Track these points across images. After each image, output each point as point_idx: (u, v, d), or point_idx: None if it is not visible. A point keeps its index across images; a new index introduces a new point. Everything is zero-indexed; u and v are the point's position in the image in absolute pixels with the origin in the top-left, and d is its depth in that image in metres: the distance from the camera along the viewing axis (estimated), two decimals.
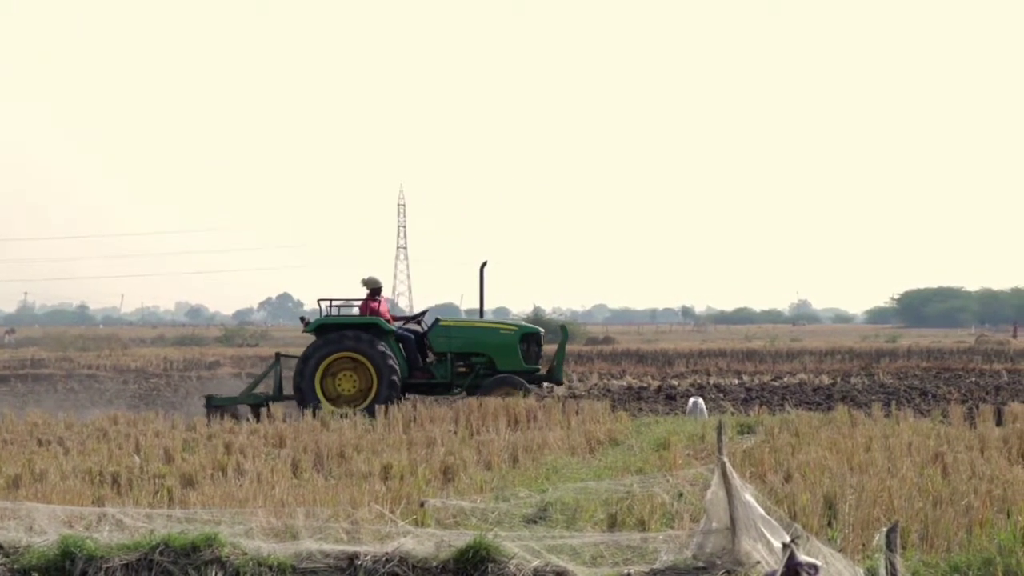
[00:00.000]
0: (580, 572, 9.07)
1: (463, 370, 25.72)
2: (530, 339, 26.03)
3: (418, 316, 27.21)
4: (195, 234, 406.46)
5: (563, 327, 28.07)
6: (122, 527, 10.17)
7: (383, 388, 24.50)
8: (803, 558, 8.34)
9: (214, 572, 9.44)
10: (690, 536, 9.27)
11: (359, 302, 25.92)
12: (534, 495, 12.17)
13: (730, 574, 8.73)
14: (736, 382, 35.89)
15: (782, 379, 36.98)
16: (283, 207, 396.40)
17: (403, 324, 26.45)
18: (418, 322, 26.70)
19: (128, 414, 23.25)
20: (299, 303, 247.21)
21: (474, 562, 9.18)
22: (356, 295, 26.13)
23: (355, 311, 25.95)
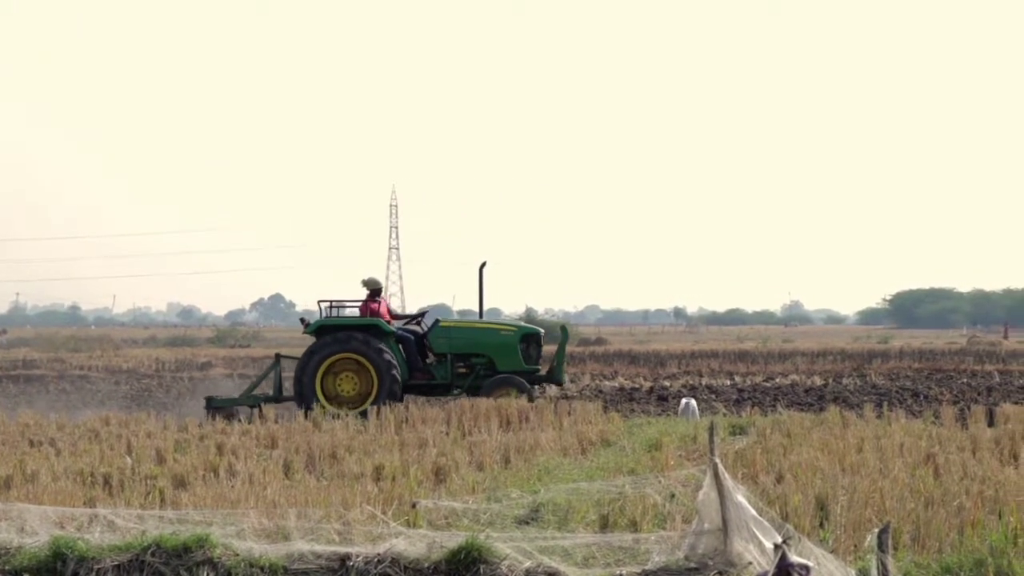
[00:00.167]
0: (572, 573, 9.07)
1: (463, 371, 25.72)
2: (530, 339, 26.05)
3: (418, 316, 27.19)
4: (188, 235, 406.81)
5: (563, 327, 28.06)
6: (114, 528, 10.16)
7: (383, 389, 24.50)
8: (795, 559, 8.34)
9: (206, 573, 9.44)
10: (682, 537, 9.27)
11: (359, 303, 25.95)
12: (526, 496, 12.16)
13: (722, 575, 8.74)
14: (728, 383, 35.87)
15: (774, 380, 36.95)
16: (276, 208, 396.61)
17: (404, 324, 26.44)
18: (418, 323, 26.68)
19: (120, 415, 23.20)
20: (291, 304, 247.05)
21: (466, 563, 9.19)
22: (349, 296, 26.14)
23: (351, 312, 25.98)
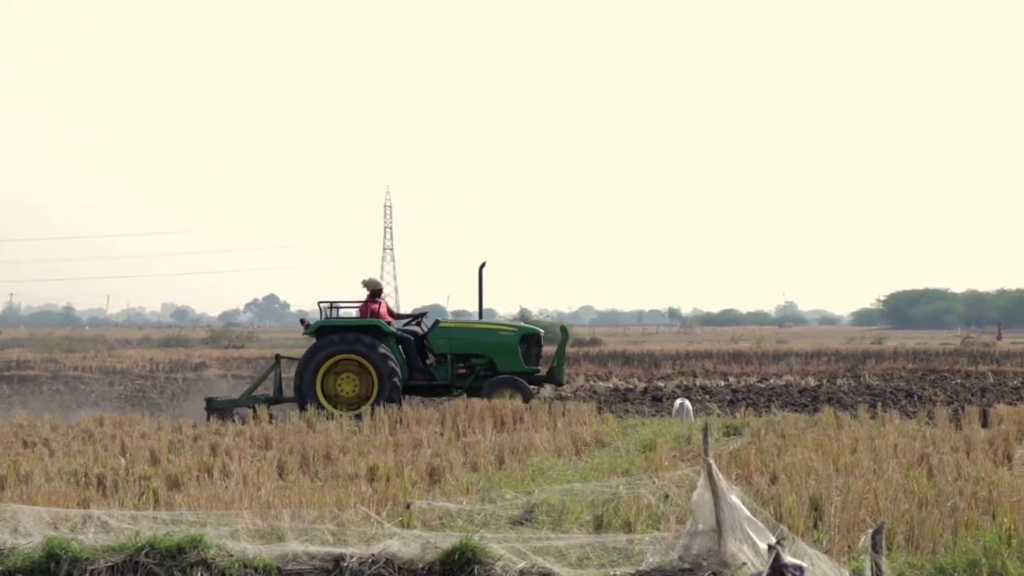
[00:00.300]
0: (566, 574, 9.07)
1: (463, 371, 25.75)
2: (530, 340, 26.08)
3: (418, 316, 27.20)
4: (182, 235, 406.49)
5: (563, 328, 28.07)
6: (107, 529, 10.15)
7: (384, 390, 24.53)
8: (789, 559, 8.35)
9: (199, 574, 9.43)
10: (676, 538, 9.27)
11: (358, 304, 25.99)
12: (520, 497, 12.17)
13: None
14: (722, 384, 35.92)
15: (768, 381, 37.00)
16: (271, 209, 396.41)
17: (404, 324, 26.45)
18: (418, 324, 26.70)
19: (114, 415, 23.18)
20: (285, 304, 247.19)
21: (460, 564, 9.18)
22: (344, 296, 26.13)
23: (349, 312, 26.00)
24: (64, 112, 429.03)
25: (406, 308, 27.01)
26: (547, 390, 28.81)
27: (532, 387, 25.66)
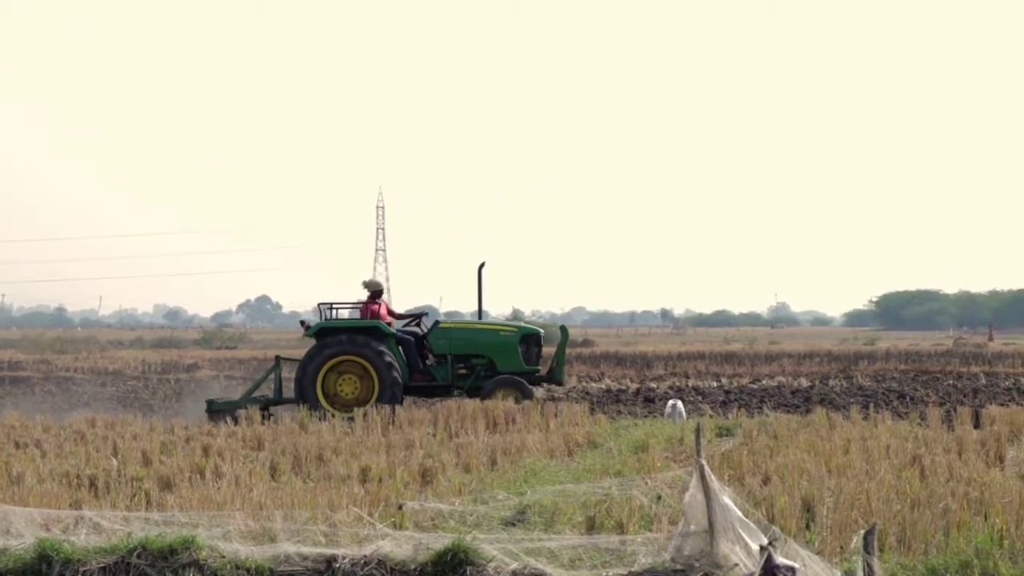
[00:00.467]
0: (558, 575, 9.08)
1: (463, 372, 25.79)
2: (530, 340, 26.15)
3: (418, 316, 27.20)
4: (175, 236, 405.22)
5: (563, 328, 28.10)
6: (99, 530, 10.15)
7: (384, 391, 24.55)
8: (781, 560, 8.36)
9: (192, 575, 9.42)
10: (668, 539, 9.28)
11: (358, 305, 26.04)
12: (512, 498, 12.17)
13: None
14: (715, 384, 35.91)
15: (760, 382, 36.99)
16: (264, 210, 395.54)
17: (404, 325, 26.47)
18: (418, 324, 26.71)
19: (106, 417, 23.15)
20: (277, 305, 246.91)
21: (452, 565, 9.19)
22: (338, 297, 26.18)
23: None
24: (58, 113, 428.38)
25: (399, 309, 26.85)
26: (539, 391, 28.78)
27: (532, 387, 25.69)
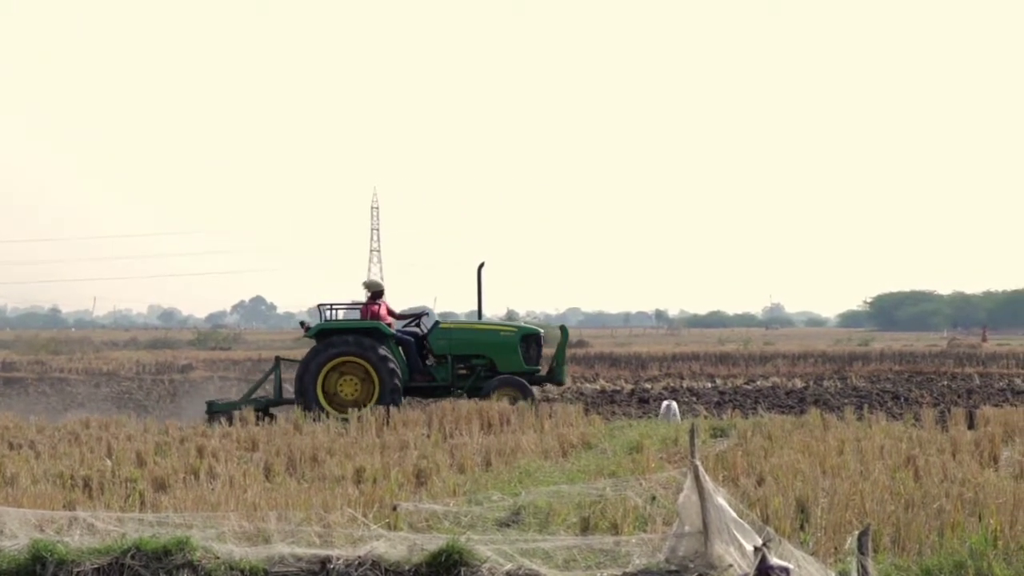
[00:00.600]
0: (552, 575, 9.08)
1: (464, 372, 25.81)
2: (530, 340, 26.15)
3: (418, 316, 27.20)
4: (168, 237, 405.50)
5: (563, 328, 28.08)
6: (93, 531, 10.14)
7: (384, 392, 24.56)
8: (775, 561, 8.37)
9: None
10: (663, 540, 9.28)
11: (358, 306, 26.07)
12: (507, 499, 12.17)
13: None
14: (709, 385, 35.92)
15: (755, 382, 36.99)
16: (257, 211, 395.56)
17: (405, 325, 26.48)
18: (417, 325, 26.72)
19: (100, 417, 23.14)
20: (272, 306, 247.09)
21: (447, 566, 9.19)
22: (331, 298, 26.18)
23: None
24: (51, 113, 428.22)
25: (395, 310, 26.82)
26: (534, 392, 28.76)
27: (532, 387, 25.72)
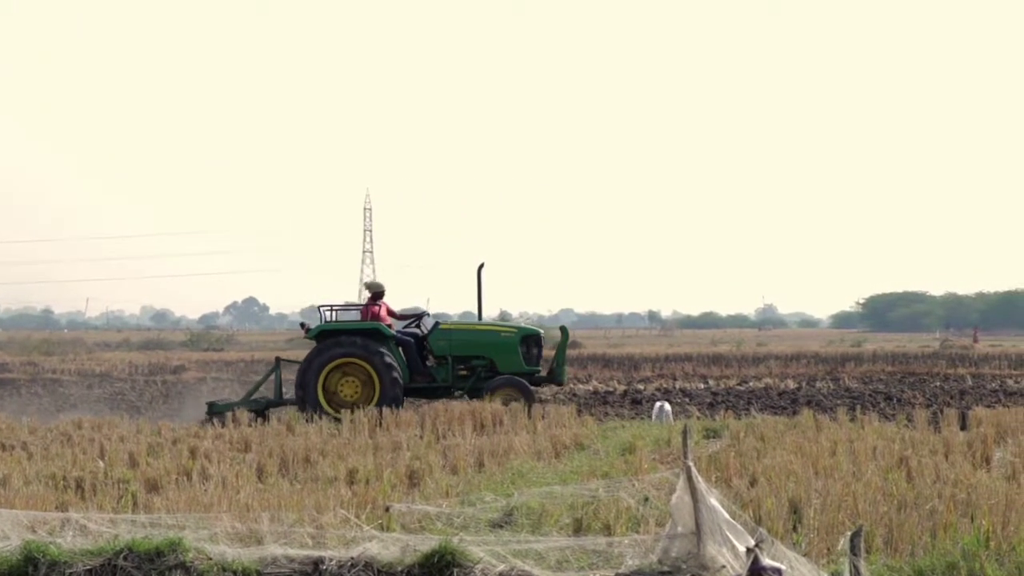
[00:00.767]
0: None
1: (464, 373, 25.85)
2: (530, 341, 26.19)
3: (419, 316, 27.20)
4: (161, 238, 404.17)
5: (563, 328, 28.10)
6: (86, 532, 10.13)
7: (385, 393, 24.60)
8: (767, 562, 8.36)
9: None
10: (656, 540, 9.28)
11: (358, 307, 26.09)
12: (500, 500, 12.17)
13: None
14: (702, 386, 35.94)
15: (748, 383, 37.01)
16: (250, 211, 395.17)
17: (405, 326, 26.48)
18: (418, 326, 26.74)
19: (93, 418, 23.13)
20: (265, 307, 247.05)
21: (439, 567, 9.18)
22: (324, 299, 26.22)
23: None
24: (43, 113, 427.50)
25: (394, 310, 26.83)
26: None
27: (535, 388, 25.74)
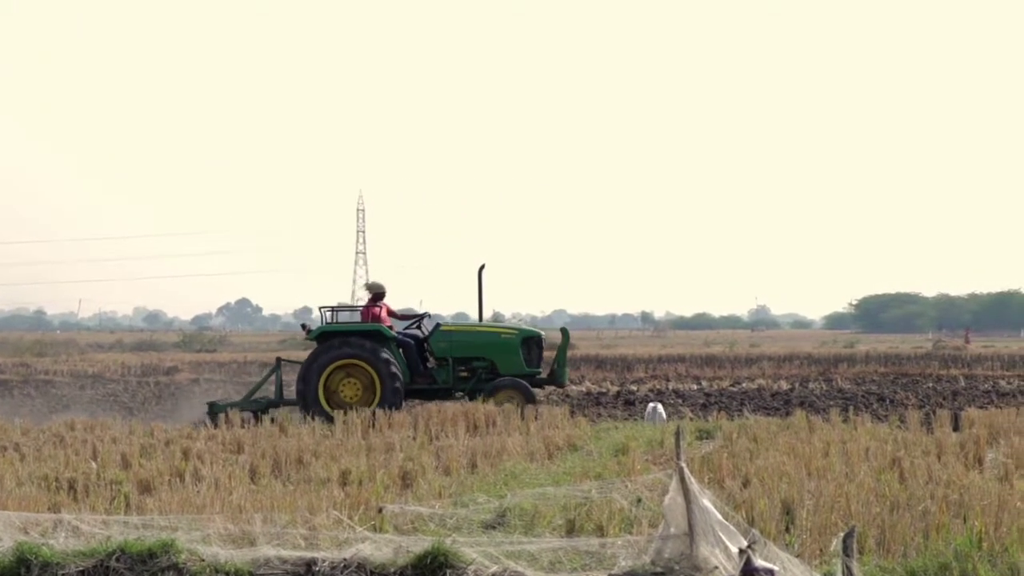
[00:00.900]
0: None
1: (465, 374, 25.84)
2: (531, 342, 26.20)
3: (420, 317, 27.18)
4: (154, 239, 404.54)
5: (563, 330, 28.10)
6: (78, 534, 10.11)
7: (386, 394, 24.58)
8: (760, 563, 8.37)
9: None
10: (648, 541, 9.27)
11: (358, 308, 26.10)
12: (492, 501, 12.16)
13: None
14: (695, 387, 35.94)
15: (741, 384, 37.04)
16: (243, 212, 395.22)
17: (406, 327, 26.47)
18: (418, 327, 26.73)
19: (85, 420, 23.09)
20: (258, 308, 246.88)
21: (432, 568, 9.18)
22: (318, 300, 26.28)
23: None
24: (38, 115, 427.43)
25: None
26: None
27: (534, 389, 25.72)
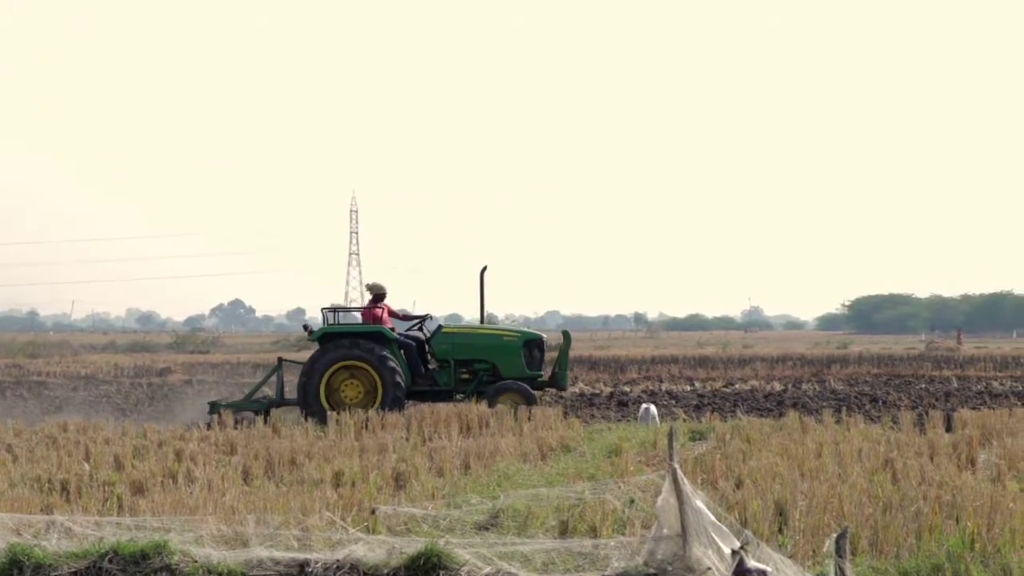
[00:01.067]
0: None
1: (466, 376, 25.83)
2: (533, 345, 26.19)
3: (421, 318, 27.15)
4: (147, 240, 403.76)
5: (565, 333, 28.08)
6: (71, 535, 10.09)
7: (387, 396, 24.59)
8: (753, 564, 8.37)
9: None
10: (641, 542, 9.28)
11: (359, 309, 26.12)
12: (486, 502, 12.16)
13: None
14: (688, 388, 35.94)
15: (734, 385, 37.03)
16: (237, 213, 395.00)
17: (408, 328, 26.47)
18: (420, 329, 26.72)
19: (78, 421, 23.07)
20: (251, 309, 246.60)
21: (425, 569, 9.17)
22: (311, 301, 26.31)
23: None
24: (31, 116, 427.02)
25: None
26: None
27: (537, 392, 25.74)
